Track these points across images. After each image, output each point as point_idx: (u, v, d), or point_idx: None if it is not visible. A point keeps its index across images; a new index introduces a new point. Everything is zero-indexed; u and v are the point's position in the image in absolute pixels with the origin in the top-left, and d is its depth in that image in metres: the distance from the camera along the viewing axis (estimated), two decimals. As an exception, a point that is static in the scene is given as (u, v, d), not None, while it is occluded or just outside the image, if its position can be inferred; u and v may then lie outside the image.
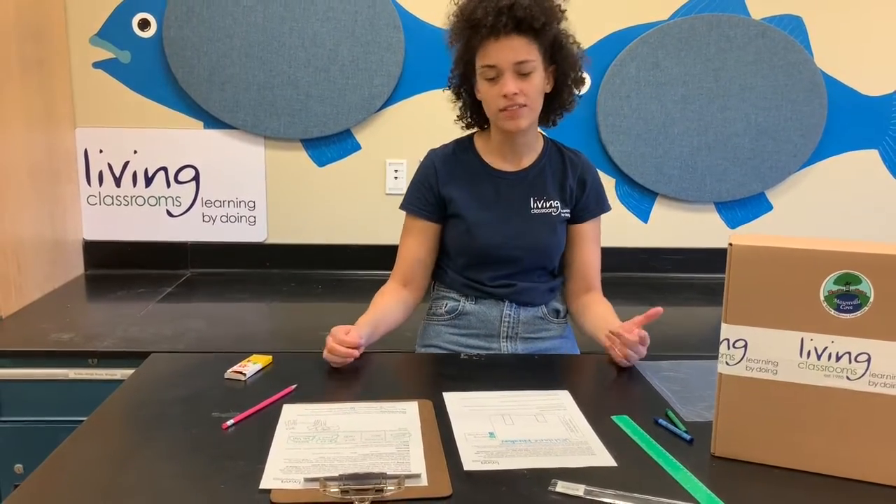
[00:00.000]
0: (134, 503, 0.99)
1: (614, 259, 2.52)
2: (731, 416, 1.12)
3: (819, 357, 1.06)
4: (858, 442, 1.06)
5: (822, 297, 1.04)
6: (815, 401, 1.07)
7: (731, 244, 1.08)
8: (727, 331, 1.10)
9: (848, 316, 1.04)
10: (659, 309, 1.44)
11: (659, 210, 2.62)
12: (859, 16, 2.51)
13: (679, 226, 2.62)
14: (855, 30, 2.51)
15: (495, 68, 1.52)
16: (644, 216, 2.62)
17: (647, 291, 2.48)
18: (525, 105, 1.54)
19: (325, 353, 1.46)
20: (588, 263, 1.72)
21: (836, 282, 1.03)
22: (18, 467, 1.86)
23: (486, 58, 1.53)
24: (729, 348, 1.10)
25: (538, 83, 1.56)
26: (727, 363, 1.11)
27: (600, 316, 1.65)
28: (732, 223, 2.64)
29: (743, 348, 1.09)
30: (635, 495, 1.01)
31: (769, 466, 1.10)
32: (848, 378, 1.05)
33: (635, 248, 2.63)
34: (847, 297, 1.03)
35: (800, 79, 2.49)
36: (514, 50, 1.51)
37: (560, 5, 1.58)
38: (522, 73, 1.53)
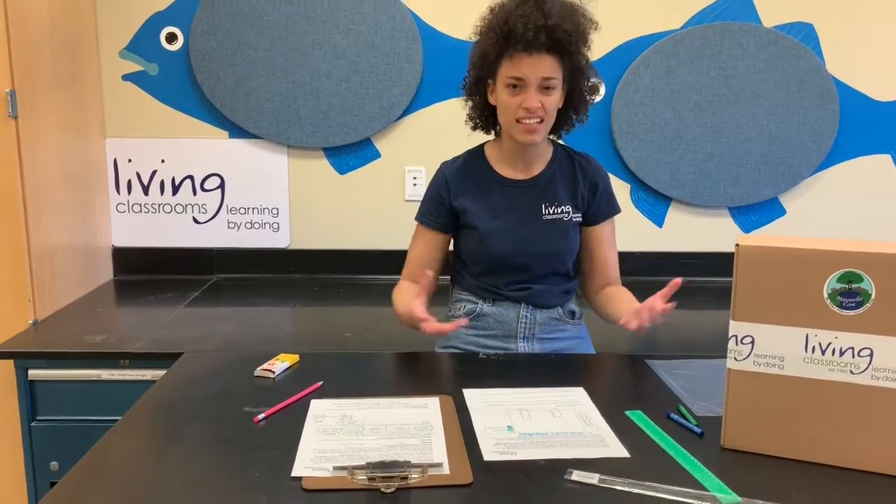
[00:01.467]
0: (173, 491, 1.06)
1: (630, 263, 2.55)
2: (739, 409, 1.17)
3: (823, 352, 1.11)
4: (861, 433, 1.10)
5: (825, 295, 1.09)
6: (820, 394, 1.12)
7: (737, 245, 1.13)
8: (735, 327, 1.15)
9: (851, 313, 1.09)
10: (678, 280, 1.43)
11: (674, 215, 2.67)
12: (870, 22, 2.55)
13: (694, 230, 2.67)
14: (866, 36, 2.55)
15: (521, 80, 1.57)
16: (659, 221, 2.67)
17: (661, 295, 2.52)
18: (542, 121, 1.60)
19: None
20: (606, 262, 1.77)
21: (839, 280, 1.08)
22: (54, 465, 1.93)
23: (513, 69, 1.57)
24: (737, 344, 1.15)
25: (557, 100, 1.62)
26: (735, 359, 1.16)
27: (625, 300, 1.67)
28: (746, 227, 2.68)
29: (750, 344, 1.14)
30: (647, 483, 1.06)
31: (776, 457, 1.15)
32: (851, 372, 1.10)
33: (650, 253, 2.67)
34: (850, 295, 1.08)
35: (811, 85, 2.53)
36: (544, 67, 1.56)
37: (591, 25, 1.62)
38: (545, 88, 1.58)
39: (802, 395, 1.12)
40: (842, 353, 1.10)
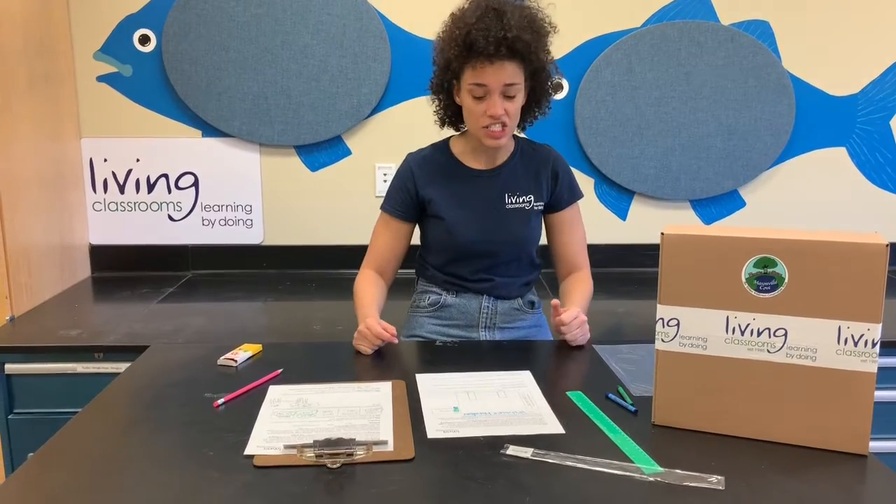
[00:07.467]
0: (132, 470, 1.13)
1: (595, 255, 2.60)
2: (667, 388, 1.24)
3: (742, 333, 1.18)
4: (777, 408, 1.18)
5: (743, 279, 1.17)
6: (740, 372, 1.19)
7: (662, 233, 1.21)
8: (662, 311, 1.22)
9: (766, 295, 1.16)
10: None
11: (636, 208, 2.74)
12: (824, 19, 2.63)
13: (656, 223, 2.74)
14: (820, 33, 2.63)
15: (484, 87, 1.61)
16: (622, 214, 2.75)
17: (626, 285, 2.59)
18: (507, 125, 1.65)
19: (355, 341, 1.64)
20: (570, 246, 1.84)
21: (756, 265, 1.16)
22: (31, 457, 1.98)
23: (476, 77, 1.61)
24: (664, 327, 1.23)
25: (519, 104, 1.67)
26: (663, 340, 1.23)
27: (566, 295, 1.80)
28: (707, 219, 2.75)
29: (676, 326, 1.22)
30: (577, 456, 1.14)
31: (701, 432, 1.23)
32: (768, 351, 1.18)
33: (615, 245, 2.75)
34: (765, 279, 1.16)
35: (768, 81, 2.61)
36: (506, 73, 1.60)
37: (550, 30, 1.67)
38: (508, 95, 1.63)
39: (724, 373, 1.20)
40: (759, 334, 1.17)
